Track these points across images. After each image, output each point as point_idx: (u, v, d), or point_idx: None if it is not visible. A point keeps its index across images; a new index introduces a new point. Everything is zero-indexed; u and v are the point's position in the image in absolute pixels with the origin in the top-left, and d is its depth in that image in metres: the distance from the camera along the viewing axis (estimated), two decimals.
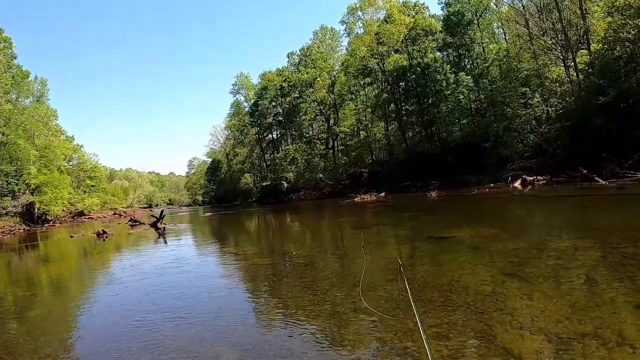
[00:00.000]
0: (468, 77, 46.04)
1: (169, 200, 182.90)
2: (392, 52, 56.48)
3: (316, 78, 66.90)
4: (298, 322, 6.73)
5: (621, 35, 27.79)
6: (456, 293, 7.27)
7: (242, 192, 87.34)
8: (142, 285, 10.72)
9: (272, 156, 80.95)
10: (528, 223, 15.85)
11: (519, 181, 31.38)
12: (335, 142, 68.65)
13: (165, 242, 21.46)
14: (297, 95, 71.21)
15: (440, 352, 5.02)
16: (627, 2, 27.59)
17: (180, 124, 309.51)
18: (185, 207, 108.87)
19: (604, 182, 23.19)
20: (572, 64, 35.54)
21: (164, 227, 28.79)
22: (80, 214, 63.96)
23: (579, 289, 6.74)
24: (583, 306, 5.88)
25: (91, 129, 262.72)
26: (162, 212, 32.80)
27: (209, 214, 42.62)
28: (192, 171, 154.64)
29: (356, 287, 8.11)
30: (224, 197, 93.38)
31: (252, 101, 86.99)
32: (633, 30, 27.07)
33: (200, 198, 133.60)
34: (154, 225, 30.02)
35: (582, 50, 35.75)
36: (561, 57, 36.80)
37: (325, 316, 6.93)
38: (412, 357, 4.99)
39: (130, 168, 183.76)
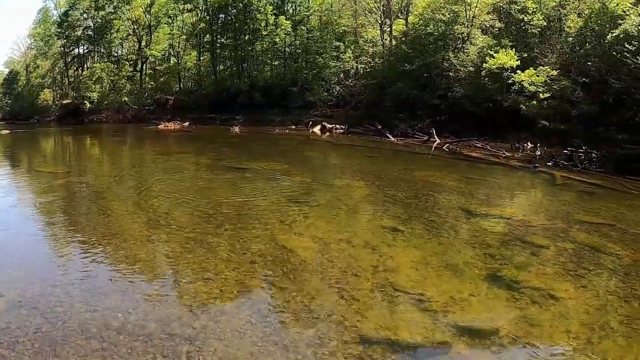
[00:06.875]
0: (288, 22, 47.10)
1: None
2: None
3: None
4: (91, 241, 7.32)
5: (437, 16, 31.37)
6: (248, 209, 8.58)
7: (40, 110, 78.12)
8: None
9: (76, 73, 73.29)
10: (317, 163, 17.99)
11: (318, 127, 33.62)
12: (145, 65, 64.81)
13: None
14: (112, 11, 64.95)
15: (234, 246, 6.32)
16: None
17: None
18: None
19: (393, 139, 25.93)
20: (388, 30, 38.90)
21: None
22: None
23: (345, 213, 8.49)
24: (345, 224, 7.63)
25: None
26: None
27: (7, 131, 37.73)
28: None
29: (154, 213, 8.72)
30: (19, 114, 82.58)
31: (62, 9, 77.04)
32: (449, 13, 30.73)
33: None
34: None
35: (399, 20, 39.31)
36: (379, 22, 39.72)
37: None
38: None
39: None
